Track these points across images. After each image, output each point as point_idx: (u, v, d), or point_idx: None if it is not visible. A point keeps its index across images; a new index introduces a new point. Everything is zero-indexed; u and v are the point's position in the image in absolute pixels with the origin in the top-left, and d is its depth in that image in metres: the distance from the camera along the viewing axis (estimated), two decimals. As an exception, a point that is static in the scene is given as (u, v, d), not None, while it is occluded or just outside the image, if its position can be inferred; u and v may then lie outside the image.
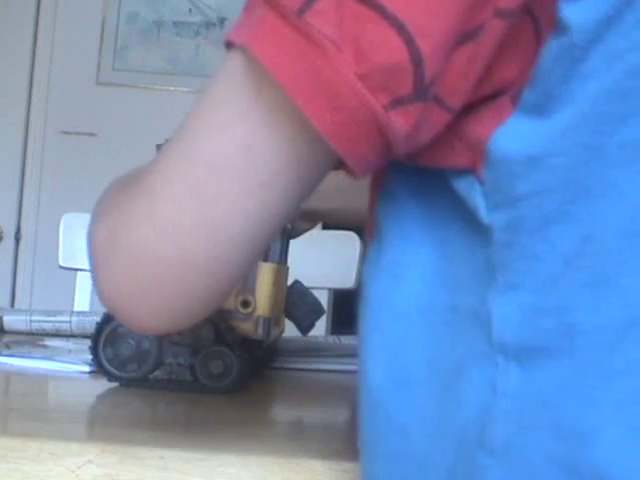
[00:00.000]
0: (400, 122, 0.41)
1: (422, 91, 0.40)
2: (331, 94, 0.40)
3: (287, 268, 0.91)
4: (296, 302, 0.94)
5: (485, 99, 0.43)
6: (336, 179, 0.55)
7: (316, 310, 0.96)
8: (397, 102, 0.41)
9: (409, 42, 0.39)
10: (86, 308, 1.47)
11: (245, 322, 0.82)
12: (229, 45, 0.44)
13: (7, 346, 1.00)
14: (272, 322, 0.85)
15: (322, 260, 1.39)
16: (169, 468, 0.55)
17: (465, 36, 0.40)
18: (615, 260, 0.41)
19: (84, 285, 1.49)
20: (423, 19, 0.39)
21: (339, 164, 0.44)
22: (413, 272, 0.47)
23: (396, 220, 0.48)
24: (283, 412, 0.81)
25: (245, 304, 0.83)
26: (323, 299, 1.29)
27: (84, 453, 0.55)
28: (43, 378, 0.85)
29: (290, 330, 0.98)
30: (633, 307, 0.40)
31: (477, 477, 0.42)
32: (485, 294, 0.43)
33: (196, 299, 0.47)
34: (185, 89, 3.00)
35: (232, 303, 0.83)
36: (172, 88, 3.03)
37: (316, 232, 1.29)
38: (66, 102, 3.08)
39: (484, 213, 0.43)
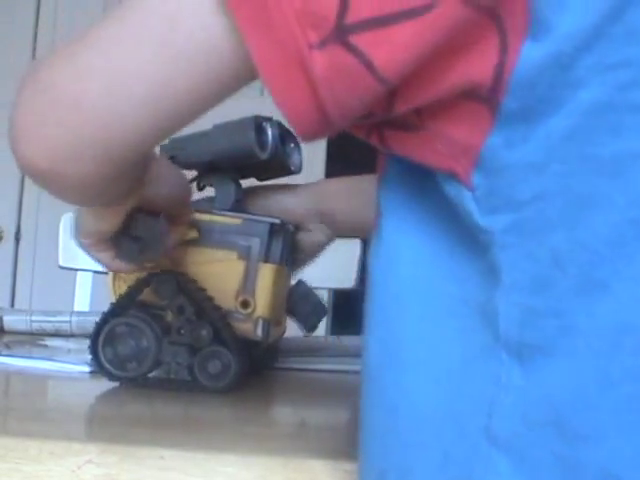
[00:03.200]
0: (319, 62, 0.41)
1: (340, 31, 0.41)
2: (271, 27, 0.42)
3: (288, 269, 0.91)
4: (299, 302, 0.94)
5: (450, 98, 0.43)
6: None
7: (319, 310, 0.96)
8: (322, 43, 0.41)
9: None
10: (86, 308, 1.47)
11: (244, 323, 0.82)
12: None
13: (7, 346, 1.00)
14: (271, 323, 0.84)
15: (322, 260, 1.39)
16: (169, 468, 0.55)
17: (411, 11, 0.41)
18: (607, 267, 0.42)
19: (84, 285, 1.49)
20: None
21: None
22: (407, 257, 0.48)
23: (392, 206, 0.50)
24: (283, 412, 0.81)
25: (245, 305, 0.83)
26: (323, 299, 1.28)
27: (84, 453, 0.55)
28: (43, 378, 0.85)
29: (290, 330, 0.98)
30: (626, 314, 0.42)
31: (481, 465, 0.44)
32: (492, 292, 0.44)
33: (82, 141, 0.49)
34: (185, 89, 2.99)
35: (231, 303, 0.83)
36: (172, 88, 3.03)
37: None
38: (66, 102, 3.08)
39: (478, 217, 0.44)
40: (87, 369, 0.86)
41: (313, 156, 2.58)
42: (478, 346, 0.45)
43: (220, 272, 0.84)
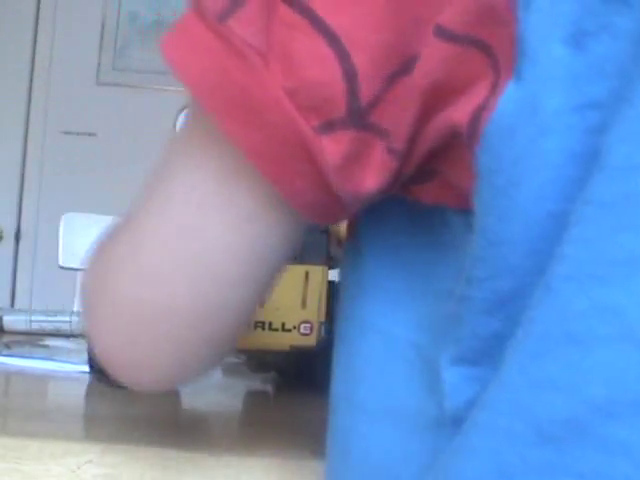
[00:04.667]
0: (331, 150, 0.36)
1: (356, 115, 0.36)
2: (255, 112, 0.36)
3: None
4: None
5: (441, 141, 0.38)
6: None
7: None
8: (329, 126, 0.36)
9: (342, 56, 0.35)
10: (86, 308, 1.47)
11: None
12: None
13: (7, 346, 1.00)
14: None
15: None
16: (169, 468, 0.55)
17: (407, 63, 0.35)
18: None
19: (84, 285, 1.49)
20: (358, 31, 0.35)
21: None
22: (379, 292, 0.43)
23: (372, 235, 0.44)
24: (284, 412, 0.81)
25: None
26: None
27: (84, 453, 0.54)
28: (43, 378, 0.85)
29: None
30: (520, 398, 0.34)
31: None
32: (439, 353, 0.39)
33: (192, 348, 0.43)
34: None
35: None
36: (172, 88, 3.03)
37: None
38: (66, 102, 3.08)
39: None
40: (87, 369, 0.86)
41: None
42: (432, 410, 0.39)
43: None
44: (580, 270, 0.33)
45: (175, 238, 0.41)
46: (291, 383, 0.84)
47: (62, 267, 1.49)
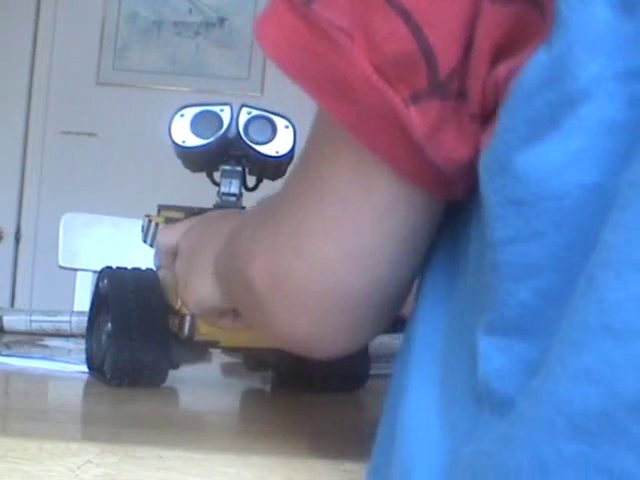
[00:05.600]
0: (418, 121, 0.38)
1: (438, 87, 0.37)
2: (348, 87, 0.38)
3: None
4: None
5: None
6: None
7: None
8: (416, 97, 0.37)
9: (415, 32, 0.36)
10: (86, 308, 1.47)
11: (174, 319, 0.77)
12: None
13: (7, 346, 0.99)
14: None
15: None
16: (169, 468, 0.55)
17: (474, 32, 0.37)
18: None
19: (84, 285, 1.49)
20: (431, 8, 0.36)
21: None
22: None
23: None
24: (284, 411, 0.81)
25: (175, 300, 0.76)
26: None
27: (84, 453, 0.54)
28: (43, 378, 0.85)
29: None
30: (565, 393, 0.33)
31: None
32: (475, 322, 0.39)
33: (364, 322, 0.48)
34: (185, 89, 3.00)
35: (173, 299, 0.77)
36: (172, 88, 3.03)
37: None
38: (66, 102, 3.08)
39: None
40: (86, 369, 0.86)
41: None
42: (473, 381, 0.39)
43: None
44: (618, 258, 0.32)
45: (336, 234, 0.44)
46: (289, 382, 0.84)
47: (62, 267, 1.49)
